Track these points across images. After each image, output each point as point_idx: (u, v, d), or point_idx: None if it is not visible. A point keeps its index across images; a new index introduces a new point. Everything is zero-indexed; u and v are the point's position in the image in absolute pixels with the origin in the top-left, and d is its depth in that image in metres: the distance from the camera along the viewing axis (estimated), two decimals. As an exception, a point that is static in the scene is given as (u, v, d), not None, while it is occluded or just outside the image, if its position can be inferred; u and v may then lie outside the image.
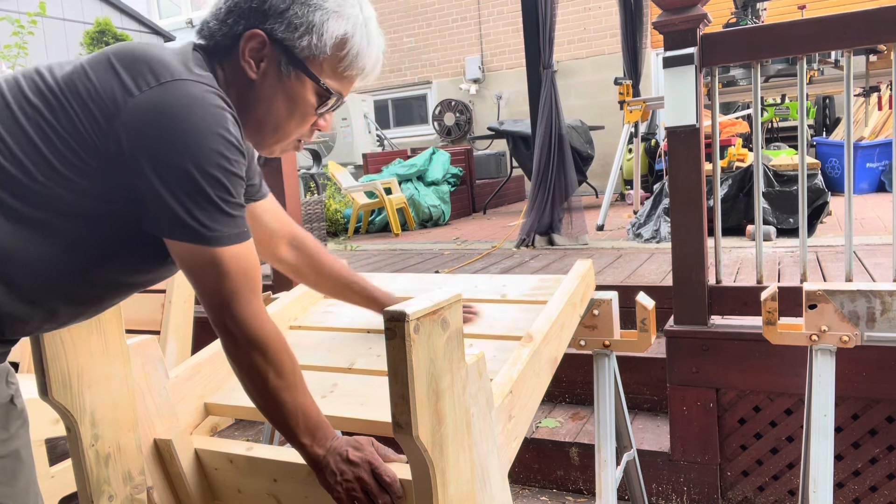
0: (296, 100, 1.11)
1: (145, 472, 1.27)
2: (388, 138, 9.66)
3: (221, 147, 0.98)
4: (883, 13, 2.01)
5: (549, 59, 4.50)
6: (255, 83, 1.09)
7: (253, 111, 1.11)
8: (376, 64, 1.17)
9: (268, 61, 1.08)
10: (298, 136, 1.17)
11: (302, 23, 1.07)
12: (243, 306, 1.02)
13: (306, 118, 1.14)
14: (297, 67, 1.08)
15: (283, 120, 1.12)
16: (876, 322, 1.59)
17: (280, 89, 1.10)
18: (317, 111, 1.14)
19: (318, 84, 1.10)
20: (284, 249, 1.46)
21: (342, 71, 1.13)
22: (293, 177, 3.06)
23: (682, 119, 2.22)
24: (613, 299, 1.74)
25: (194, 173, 0.96)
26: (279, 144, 1.17)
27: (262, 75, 1.09)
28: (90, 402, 1.18)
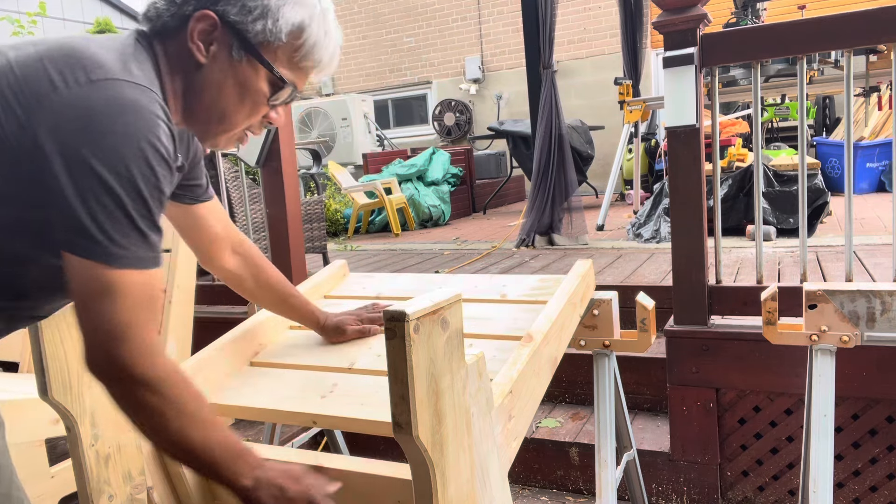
0: (247, 87, 1.04)
1: (145, 472, 1.27)
2: (388, 138, 9.66)
3: (148, 156, 0.90)
4: (883, 13, 2.01)
5: (549, 59, 4.50)
6: (204, 67, 1.02)
7: (200, 98, 1.04)
8: (333, 57, 1.11)
9: (218, 45, 1.02)
10: (247, 126, 1.10)
11: (257, 6, 1.01)
12: (137, 343, 0.90)
13: (257, 108, 1.08)
14: (250, 53, 1.02)
15: (231, 108, 1.06)
16: (876, 322, 1.59)
17: (230, 75, 1.03)
18: (269, 101, 1.08)
19: (272, 72, 1.04)
20: (227, 256, 1.40)
21: (298, 61, 1.07)
22: (293, 177, 3.06)
23: (682, 119, 2.22)
24: (613, 299, 1.74)
25: (111, 180, 0.87)
26: (225, 135, 1.10)
27: (211, 59, 1.02)
28: (90, 402, 1.18)
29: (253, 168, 3.20)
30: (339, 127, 8.67)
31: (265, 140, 2.94)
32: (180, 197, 1.28)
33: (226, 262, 1.40)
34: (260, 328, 1.60)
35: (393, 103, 10.55)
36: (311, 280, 1.86)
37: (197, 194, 1.29)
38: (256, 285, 1.44)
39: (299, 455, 1.26)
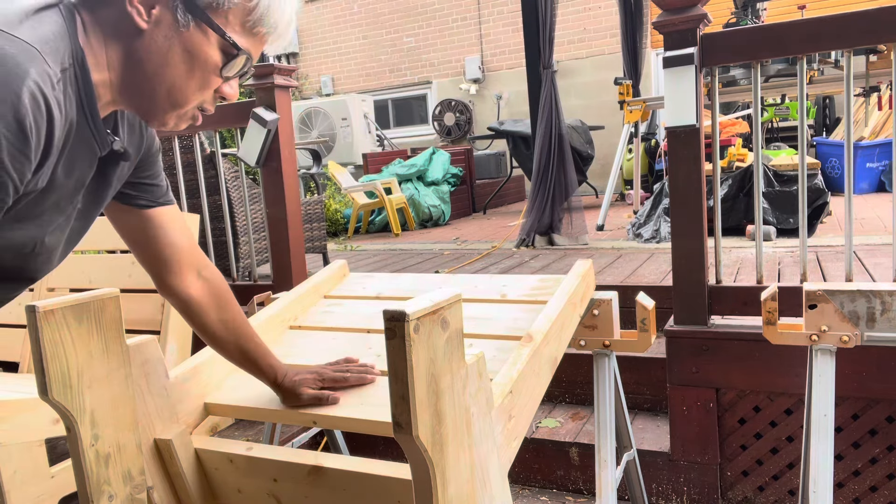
0: (196, 56, 0.93)
1: (145, 472, 1.27)
2: (388, 138, 9.66)
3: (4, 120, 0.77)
4: (883, 13, 2.01)
5: (549, 59, 4.50)
6: (146, 34, 0.91)
7: (142, 68, 0.93)
8: (289, 24, 1.01)
9: (161, 8, 0.91)
10: (198, 102, 0.99)
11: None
12: None
13: (208, 80, 0.96)
14: (198, 17, 0.91)
15: (180, 80, 0.94)
16: (876, 322, 1.59)
17: (177, 42, 0.92)
18: (222, 72, 0.97)
19: (224, 37, 0.94)
20: (192, 278, 1.23)
21: (251, 26, 0.96)
22: (293, 177, 3.06)
23: (682, 119, 2.22)
24: (613, 299, 1.74)
25: None
26: (174, 112, 0.97)
27: (153, 24, 0.91)
28: (90, 402, 1.18)
29: (253, 168, 3.20)
30: (339, 127, 8.67)
31: (265, 140, 2.94)
32: (134, 199, 1.14)
33: (189, 286, 1.22)
34: (260, 329, 1.60)
35: (393, 103, 10.55)
36: (311, 280, 1.86)
37: (155, 196, 1.16)
38: (218, 320, 1.26)
39: (299, 455, 1.26)
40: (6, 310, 1.12)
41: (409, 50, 10.18)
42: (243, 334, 1.30)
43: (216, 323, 1.27)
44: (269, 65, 2.95)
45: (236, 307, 1.30)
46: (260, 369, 1.32)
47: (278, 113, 2.96)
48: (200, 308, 1.25)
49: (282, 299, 1.74)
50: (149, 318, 2.67)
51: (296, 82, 8.91)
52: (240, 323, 1.30)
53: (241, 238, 3.66)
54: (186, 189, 3.35)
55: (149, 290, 2.70)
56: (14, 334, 2.68)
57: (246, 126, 2.98)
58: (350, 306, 1.76)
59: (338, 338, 1.60)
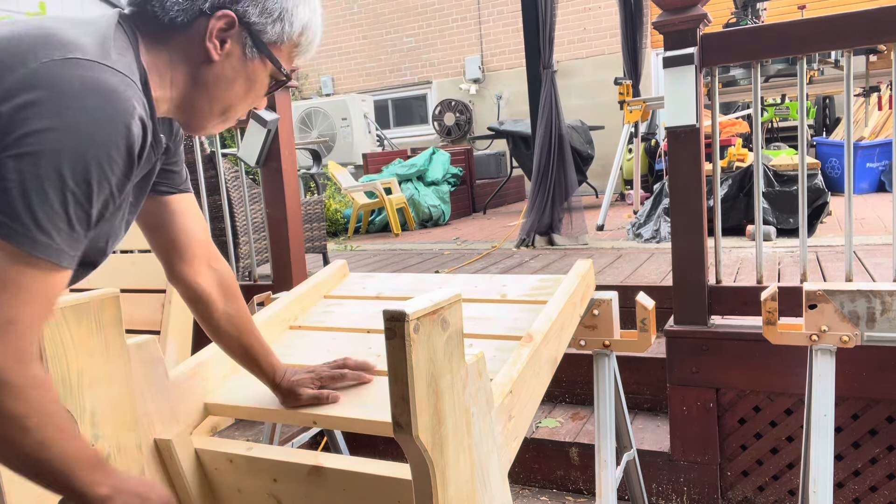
0: (254, 82, 1.07)
1: (145, 472, 1.27)
2: (388, 138, 9.66)
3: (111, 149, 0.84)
4: (883, 13, 2.01)
5: (549, 59, 4.51)
6: (216, 64, 1.02)
7: (206, 91, 1.04)
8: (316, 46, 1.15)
9: (232, 43, 1.02)
10: (240, 116, 1.13)
11: (276, 9, 1.03)
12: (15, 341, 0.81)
13: (256, 100, 1.11)
14: (264, 53, 1.04)
15: (237, 101, 1.07)
16: (876, 322, 1.59)
17: (242, 72, 1.04)
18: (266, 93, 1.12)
19: (280, 70, 1.07)
20: (203, 268, 1.25)
21: (294, 56, 1.11)
22: (293, 177, 3.06)
23: (682, 119, 2.22)
24: (613, 299, 1.74)
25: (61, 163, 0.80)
26: (221, 124, 1.11)
27: (224, 57, 1.02)
28: (90, 402, 1.18)
29: (253, 168, 3.20)
30: (339, 127, 8.67)
31: (265, 140, 2.94)
32: (156, 185, 1.19)
33: (198, 275, 1.25)
34: (260, 329, 1.60)
35: (393, 103, 10.55)
36: (311, 280, 1.86)
37: (175, 182, 1.22)
38: (224, 313, 1.28)
39: (299, 455, 1.26)
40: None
41: (409, 50, 10.18)
42: (247, 330, 1.31)
43: (222, 315, 1.28)
44: (269, 65, 2.95)
45: (242, 303, 1.32)
46: (260, 368, 1.33)
47: (278, 113, 2.96)
48: (208, 299, 1.26)
49: (282, 299, 1.74)
50: (149, 318, 2.67)
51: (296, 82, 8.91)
52: (244, 318, 1.31)
53: (241, 238, 3.66)
54: (186, 189, 3.34)
55: (149, 290, 2.70)
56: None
57: (246, 126, 2.98)
58: (350, 306, 1.76)
59: (338, 338, 1.60)
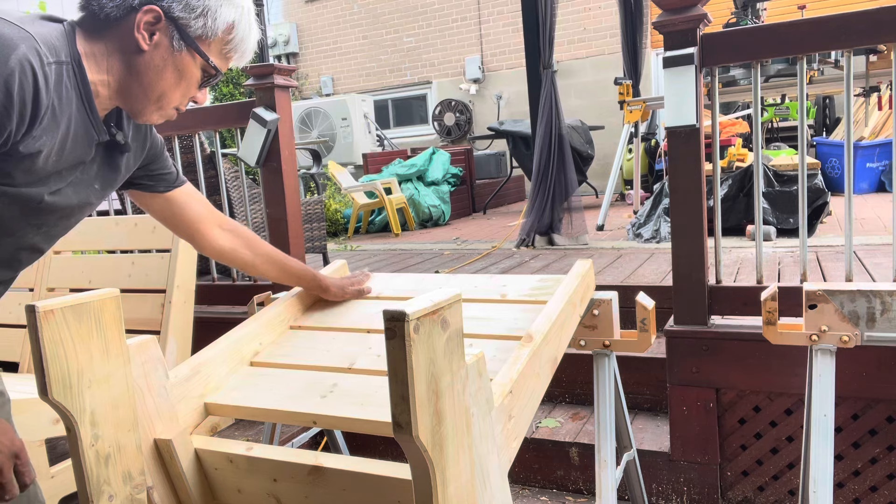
0: (183, 73, 1.20)
1: (145, 472, 1.27)
2: (388, 138, 9.66)
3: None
4: (883, 13, 2.01)
5: (549, 59, 4.50)
6: (146, 54, 1.17)
7: (139, 79, 1.18)
8: (252, 50, 1.30)
9: (160, 35, 1.17)
10: (176, 105, 1.25)
11: (199, 5, 1.17)
12: None
13: (189, 91, 1.24)
14: (190, 45, 1.19)
15: (169, 90, 1.21)
16: (876, 322, 1.59)
17: (170, 62, 1.18)
18: (199, 86, 1.25)
19: (208, 62, 1.21)
20: (217, 233, 1.51)
21: (226, 53, 1.25)
22: (293, 177, 3.06)
23: (682, 119, 2.22)
24: (613, 299, 1.74)
25: None
26: (158, 112, 1.24)
27: (153, 47, 1.17)
28: (90, 402, 1.18)
29: (253, 168, 3.20)
30: (339, 127, 8.67)
31: (265, 140, 2.94)
32: (155, 187, 1.43)
33: (217, 239, 1.51)
34: (260, 328, 1.60)
35: (393, 103, 10.55)
36: (311, 280, 1.86)
37: (170, 181, 1.44)
38: (254, 254, 1.55)
39: (299, 455, 1.26)
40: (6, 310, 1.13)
41: (409, 50, 10.18)
42: (281, 261, 1.61)
43: (254, 257, 1.55)
44: (269, 65, 2.95)
45: (263, 243, 1.59)
46: (307, 280, 1.67)
47: (278, 113, 2.96)
48: (236, 253, 1.52)
49: (282, 299, 1.74)
50: (149, 318, 2.67)
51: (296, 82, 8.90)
52: (275, 254, 1.60)
53: (241, 238, 3.65)
54: (186, 189, 3.34)
55: (149, 290, 2.70)
56: (14, 334, 2.67)
57: (246, 126, 2.98)
58: (350, 306, 1.76)
59: (338, 338, 1.60)
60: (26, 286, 2.73)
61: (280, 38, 10.76)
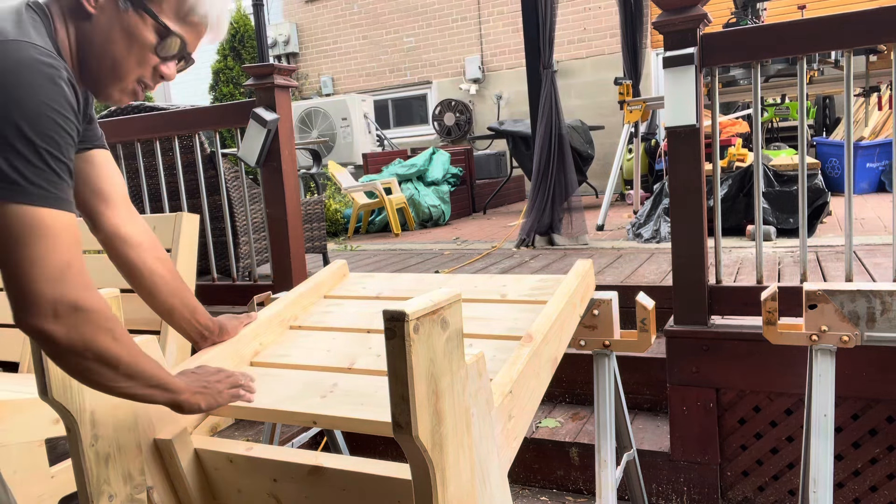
0: (133, 35, 1.11)
1: (145, 472, 1.27)
2: (388, 138, 9.66)
3: (55, 103, 0.97)
4: (883, 13, 2.01)
5: (549, 59, 4.50)
6: (94, 18, 1.10)
7: (91, 48, 1.12)
8: (221, 14, 1.19)
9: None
10: (137, 76, 1.16)
11: None
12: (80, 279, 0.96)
13: (145, 56, 1.14)
14: (134, 3, 1.10)
15: (120, 57, 1.12)
16: (876, 322, 1.59)
17: (117, 24, 1.10)
18: (157, 52, 1.14)
19: (156, 20, 1.11)
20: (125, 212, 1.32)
21: (184, 15, 1.14)
22: (293, 177, 3.06)
23: (682, 119, 2.22)
24: (613, 299, 1.74)
25: (24, 128, 0.93)
26: (117, 86, 1.15)
27: (99, 9, 1.10)
28: (90, 402, 1.18)
29: (253, 168, 3.20)
30: (339, 127, 8.67)
31: (265, 140, 2.94)
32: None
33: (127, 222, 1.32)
34: (260, 328, 1.60)
35: (393, 103, 10.55)
36: (312, 280, 1.86)
37: (91, 138, 1.29)
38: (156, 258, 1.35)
39: (299, 455, 1.26)
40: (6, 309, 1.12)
41: (409, 50, 10.18)
42: (179, 277, 1.39)
43: (153, 262, 1.34)
44: (269, 65, 2.95)
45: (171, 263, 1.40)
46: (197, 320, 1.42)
47: (278, 113, 2.96)
48: (139, 246, 1.32)
49: (282, 299, 1.74)
50: (149, 318, 2.66)
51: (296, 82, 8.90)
52: (173, 268, 1.38)
53: (241, 238, 3.66)
54: (186, 189, 3.35)
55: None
56: (14, 334, 2.67)
57: (246, 126, 2.98)
58: (350, 306, 1.76)
59: (338, 338, 1.60)
60: (26, 286, 2.72)
61: (280, 38, 10.75)
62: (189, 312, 1.40)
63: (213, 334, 1.47)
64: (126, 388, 1.06)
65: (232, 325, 1.53)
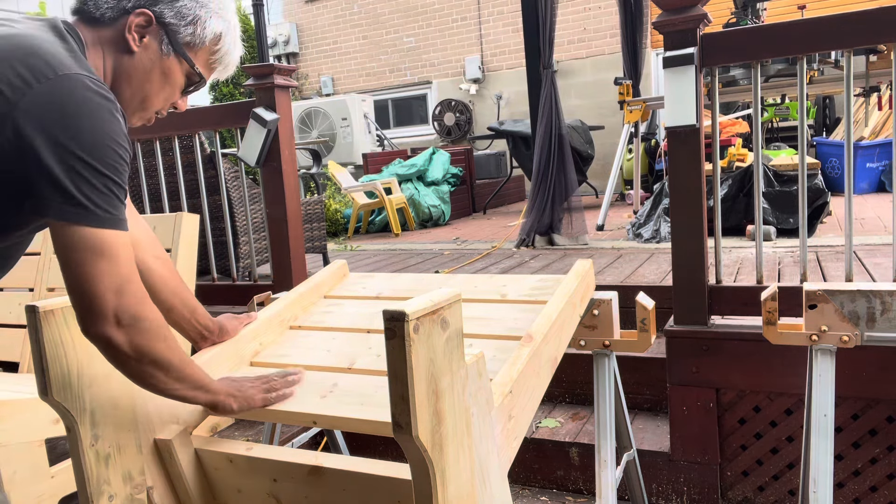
0: (169, 78, 1.24)
1: (145, 472, 1.27)
2: (388, 138, 9.66)
3: (114, 135, 1.06)
4: (883, 13, 2.01)
5: (549, 59, 4.50)
6: (135, 55, 1.20)
7: (129, 80, 1.22)
8: (235, 64, 1.34)
9: (150, 38, 1.21)
10: (158, 109, 1.28)
11: (189, 14, 1.22)
12: (138, 291, 1.08)
13: (173, 96, 1.27)
14: (178, 51, 1.23)
15: (153, 94, 1.24)
16: (876, 322, 1.59)
17: (157, 65, 1.22)
18: (182, 92, 1.29)
19: (193, 69, 1.25)
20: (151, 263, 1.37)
21: (211, 63, 1.29)
22: (293, 177, 3.06)
23: (682, 119, 2.22)
24: (613, 299, 1.74)
25: (89, 158, 1.03)
26: (139, 114, 1.27)
27: (142, 49, 1.21)
28: (90, 402, 1.18)
29: (253, 168, 3.20)
30: (339, 127, 8.67)
31: (265, 140, 2.94)
32: None
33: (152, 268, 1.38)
34: (260, 328, 1.60)
35: (393, 103, 10.55)
36: (311, 280, 1.86)
37: None
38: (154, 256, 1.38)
39: (299, 455, 1.26)
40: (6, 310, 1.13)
41: (409, 50, 10.18)
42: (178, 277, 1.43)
43: (152, 261, 1.38)
44: (269, 65, 2.95)
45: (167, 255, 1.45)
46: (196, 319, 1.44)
47: (278, 113, 2.96)
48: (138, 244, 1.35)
49: (282, 299, 1.74)
50: (149, 318, 2.67)
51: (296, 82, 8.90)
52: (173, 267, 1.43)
53: (241, 238, 3.66)
54: (186, 189, 3.35)
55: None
56: (14, 334, 2.67)
57: (246, 126, 2.98)
58: (350, 306, 1.76)
59: (338, 338, 1.60)
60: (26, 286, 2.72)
61: (280, 38, 10.75)
62: (189, 312, 1.42)
63: (212, 334, 1.48)
64: (176, 389, 1.17)
65: (232, 326, 1.53)
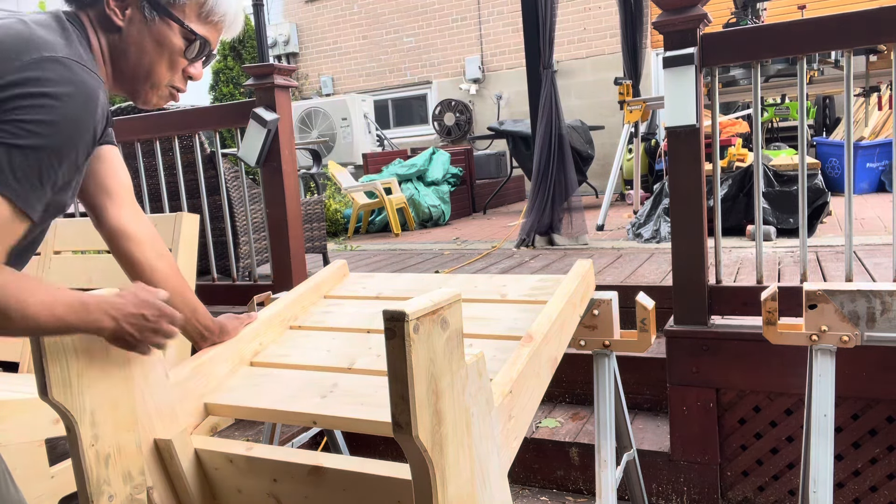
0: (163, 44, 1.18)
1: (145, 472, 1.27)
2: (388, 138, 9.66)
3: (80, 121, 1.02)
4: (883, 13, 2.01)
5: (549, 59, 4.50)
6: (123, 30, 1.16)
7: (125, 58, 1.18)
8: (238, 13, 1.26)
9: (132, 9, 1.16)
10: (170, 82, 1.23)
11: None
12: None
13: (175, 62, 1.21)
14: (161, 13, 1.17)
15: (154, 65, 1.19)
16: (876, 322, 1.59)
17: (147, 34, 1.17)
18: (186, 55, 1.21)
19: (182, 26, 1.18)
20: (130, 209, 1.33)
21: (205, 16, 1.21)
22: (293, 177, 3.06)
23: (682, 119, 2.22)
24: (613, 299, 1.74)
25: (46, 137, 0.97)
26: (154, 91, 1.22)
27: (128, 22, 1.16)
28: (90, 402, 1.18)
29: (253, 168, 3.20)
30: (339, 127, 8.67)
31: (265, 140, 2.94)
32: None
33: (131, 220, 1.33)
34: (260, 328, 1.60)
35: (393, 103, 10.55)
36: (312, 280, 1.86)
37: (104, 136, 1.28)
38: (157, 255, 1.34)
39: (299, 455, 1.26)
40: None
41: (409, 50, 10.18)
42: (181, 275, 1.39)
43: (155, 259, 1.34)
44: (269, 65, 2.95)
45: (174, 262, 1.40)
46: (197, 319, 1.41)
47: (278, 113, 2.96)
48: (142, 242, 1.32)
49: (282, 299, 1.74)
50: (149, 318, 2.66)
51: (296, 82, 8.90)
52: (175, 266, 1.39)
53: (241, 238, 3.66)
54: (186, 189, 3.35)
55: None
56: (14, 334, 2.67)
57: (246, 126, 2.98)
58: (350, 306, 1.76)
59: (338, 338, 1.60)
60: (26, 286, 2.72)
61: (280, 38, 10.75)
62: (190, 311, 1.39)
63: (213, 334, 1.47)
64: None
65: (232, 326, 1.53)
